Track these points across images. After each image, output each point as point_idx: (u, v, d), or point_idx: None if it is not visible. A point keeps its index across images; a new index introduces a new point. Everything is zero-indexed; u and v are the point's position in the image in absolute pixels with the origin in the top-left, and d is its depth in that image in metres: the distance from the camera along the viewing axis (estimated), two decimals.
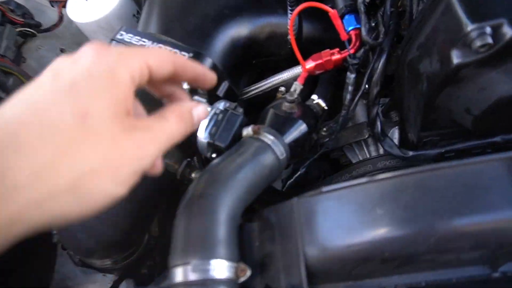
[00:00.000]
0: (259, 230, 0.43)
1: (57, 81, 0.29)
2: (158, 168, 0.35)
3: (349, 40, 0.54)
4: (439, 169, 0.34)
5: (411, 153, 0.59)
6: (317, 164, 0.83)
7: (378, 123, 0.59)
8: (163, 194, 0.58)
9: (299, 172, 0.61)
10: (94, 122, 0.28)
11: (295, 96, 0.50)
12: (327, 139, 0.59)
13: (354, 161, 0.75)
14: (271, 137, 0.47)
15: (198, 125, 0.39)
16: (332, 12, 0.44)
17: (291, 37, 0.46)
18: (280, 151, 0.47)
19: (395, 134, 0.72)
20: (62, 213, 0.27)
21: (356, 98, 0.54)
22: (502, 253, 0.34)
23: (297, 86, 0.50)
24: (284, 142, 0.48)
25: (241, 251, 0.42)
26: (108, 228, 0.53)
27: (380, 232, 0.34)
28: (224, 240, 0.37)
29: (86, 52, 0.31)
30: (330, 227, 0.37)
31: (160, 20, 0.60)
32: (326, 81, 0.61)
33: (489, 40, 0.39)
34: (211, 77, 0.40)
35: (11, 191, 0.25)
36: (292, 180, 0.61)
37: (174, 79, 0.37)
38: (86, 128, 0.28)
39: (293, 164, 0.62)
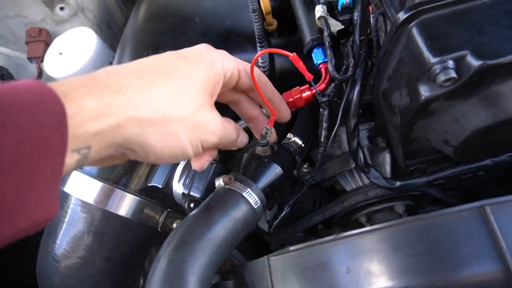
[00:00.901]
0: None
1: (175, 54, 0.40)
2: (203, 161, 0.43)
3: (320, 74, 0.53)
4: (408, 223, 0.32)
5: (398, 183, 0.57)
6: (311, 194, 0.81)
7: (360, 155, 0.57)
8: (144, 250, 0.57)
9: (284, 212, 0.59)
10: (194, 85, 0.38)
11: (267, 139, 0.49)
12: (309, 176, 0.57)
13: (348, 188, 0.73)
14: (243, 187, 0.46)
15: (236, 145, 0.45)
16: (292, 56, 0.43)
17: (253, 81, 0.45)
18: (254, 200, 0.46)
19: (386, 158, 0.69)
20: (150, 140, 0.35)
21: (333, 134, 0.53)
22: None
23: (267, 130, 0.49)
24: (258, 190, 0.47)
25: None
26: None
27: None
28: None
29: (200, 46, 0.44)
30: (301, 287, 0.35)
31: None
32: (304, 117, 0.60)
33: (452, 74, 0.37)
34: (287, 111, 0.50)
35: (125, 106, 0.33)
36: (278, 220, 0.59)
37: (253, 94, 0.48)
38: (188, 87, 0.38)
39: (277, 204, 0.61)
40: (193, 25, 0.63)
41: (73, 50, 0.72)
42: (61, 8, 0.79)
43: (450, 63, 0.37)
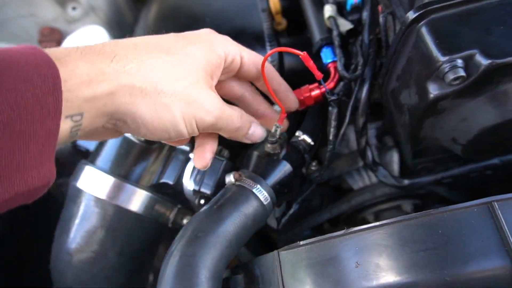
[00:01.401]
0: (245, 283, 0.42)
1: (176, 34, 0.41)
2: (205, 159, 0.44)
3: (329, 73, 0.54)
4: (417, 219, 0.32)
5: (406, 181, 0.58)
6: (319, 192, 0.81)
7: (369, 153, 0.57)
8: (155, 245, 0.58)
9: (292, 209, 0.60)
10: (191, 61, 0.38)
11: (276, 137, 0.50)
12: (317, 174, 0.58)
13: (355, 187, 0.73)
14: (253, 183, 0.47)
15: (247, 137, 0.46)
16: (302, 54, 0.44)
17: (264, 79, 0.46)
18: (264, 196, 0.46)
19: (394, 157, 0.70)
20: (142, 109, 0.35)
21: (341, 132, 0.53)
22: None
23: (277, 127, 0.50)
24: (267, 186, 0.48)
25: None
26: (101, 283, 0.53)
27: (361, 286, 0.33)
28: None
29: (203, 29, 0.45)
30: (311, 281, 0.35)
31: None
32: (313, 115, 0.60)
33: (461, 72, 0.37)
34: (294, 100, 0.51)
35: (118, 73, 0.33)
36: (286, 217, 0.60)
37: (259, 82, 0.48)
38: (185, 62, 0.38)
39: (286, 201, 0.61)
40: (203, 25, 0.63)
41: None
42: (73, 8, 0.80)
43: (459, 62, 0.37)
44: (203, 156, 0.44)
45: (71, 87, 0.30)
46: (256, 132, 0.46)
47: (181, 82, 0.37)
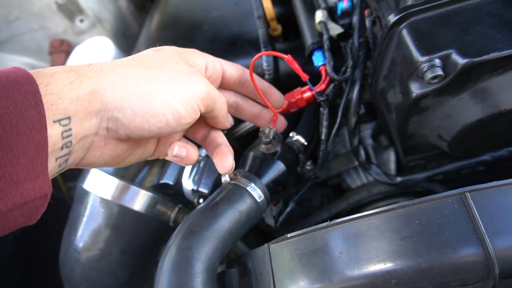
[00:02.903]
0: (239, 275, 0.44)
1: (153, 50, 0.43)
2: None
3: (320, 76, 0.56)
4: (395, 210, 0.34)
5: (399, 178, 0.59)
6: (319, 192, 0.83)
7: (362, 152, 0.59)
8: (158, 244, 0.60)
9: (289, 208, 0.62)
10: (164, 53, 0.41)
11: (270, 137, 0.52)
12: (312, 173, 0.60)
13: (353, 186, 0.75)
14: (248, 182, 0.49)
15: (229, 120, 0.47)
16: (286, 57, 0.46)
17: (253, 82, 0.48)
18: (258, 194, 0.49)
19: (391, 156, 0.71)
20: (127, 98, 0.35)
21: (333, 132, 0.55)
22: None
23: (270, 129, 0.52)
24: (262, 185, 0.50)
25: None
26: (108, 279, 0.56)
27: (343, 276, 0.35)
28: None
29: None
30: (298, 272, 0.37)
31: None
32: (308, 116, 0.63)
33: (439, 71, 0.39)
34: (279, 96, 0.52)
35: (95, 73, 0.34)
36: (283, 215, 0.62)
37: (243, 86, 0.50)
38: (157, 55, 0.40)
39: (283, 200, 0.63)
40: (202, 32, 0.67)
41: (91, 58, 0.78)
42: (81, 20, 0.85)
43: (437, 62, 0.39)
44: (225, 156, 0.45)
45: (53, 90, 0.31)
46: (230, 117, 0.48)
47: (162, 66, 0.38)
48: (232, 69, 0.48)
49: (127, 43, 0.94)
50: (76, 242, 0.56)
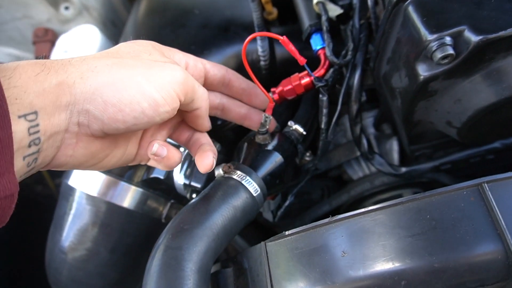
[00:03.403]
0: (235, 276, 0.41)
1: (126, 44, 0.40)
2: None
3: (319, 61, 0.52)
4: (403, 204, 0.31)
5: (403, 169, 0.56)
6: (319, 185, 0.80)
7: (364, 141, 0.56)
8: (152, 241, 0.57)
9: (288, 201, 0.58)
10: (138, 45, 0.39)
11: (266, 127, 0.49)
12: (311, 165, 0.56)
13: (354, 177, 0.72)
14: (243, 175, 0.45)
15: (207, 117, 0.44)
16: (282, 39, 0.42)
17: (246, 68, 0.45)
18: (254, 188, 0.45)
19: (394, 146, 0.68)
20: (97, 87, 0.32)
21: (334, 120, 0.52)
22: None
23: (266, 117, 0.48)
24: (258, 178, 0.47)
25: None
26: (96, 280, 0.53)
27: (347, 277, 0.31)
28: None
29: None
30: (298, 273, 0.34)
31: None
32: (307, 104, 0.59)
33: (450, 50, 0.35)
34: (262, 94, 0.49)
35: (64, 65, 0.32)
36: (282, 210, 0.59)
37: (228, 86, 0.48)
38: (130, 47, 0.38)
39: (281, 194, 0.60)
40: (193, 17, 0.63)
41: (77, 47, 0.74)
42: (66, 8, 0.80)
43: (448, 40, 0.36)
44: (206, 155, 0.42)
45: (17, 83, 0.28)
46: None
47: (135, 57, 0.37)
48: (215, 69, 0.46)
49: (117, 31, 0.90)
50: (61, 242, 0.53)
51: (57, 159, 0.34)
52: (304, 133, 0.54)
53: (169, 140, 0.48)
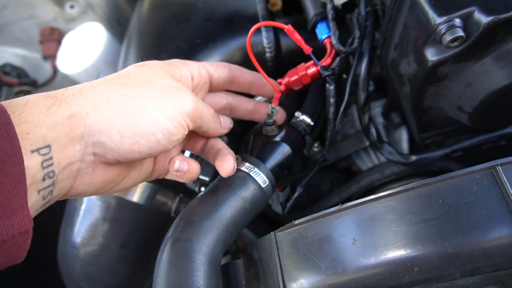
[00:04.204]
0: (245, 267, 0.41)
1: (136, 66, 0.39)
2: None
3: (325, 51, 0.51)
4: (414, 189, 0.30)
5: (413, 157, 0.55)
6: (328, 176, 0.79)
7: (373, 130, 0.55)
8: (161, 235, 0.57)
9: (297, 193, 0.58)
10: (147, 68, 0.38)
11: (273, 118, 0.48)
12: (320, 156, 0.56)
13: (364, 168, 0.71)
14: (251, 166, 0.45)
15: (222, 129, 0.45)
16: (287, 28, 0.42)
17: (252, 59, 0.44)
18: (262, 179, 0.45)
19: (403, 135, 0.67)
20: (112, 119, 0.32)
21: (341, 109, 0.51)
22: (506, 273, 0.29)
23: (273, 108, 0.48)
24: (266, 169, 0.46)
25: None
26: (108, 275, 0.53)
27: (358, 265, 0.31)
28: (202, 287, 0.36)
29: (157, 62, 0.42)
30: (307, 262, 0.34)
31: (135, 59, 0.61)
32: (314, 94, 0.58)
33: (460, 32, 0.35)
34: (269, 84, 0.48)
35: (74, 95, 0.32)
36: (291, 202, 0.58)
37: (234, 83, 0.47)
38: (140, 70, 0.37)
39: (290, 185, 0.60)
40: (196, 11, 0.63)
41: (83, 45, 0.74)
42: (71, 6, 0.81)
43: (457, 22, 0.35)
44: (227, 158, 0.42)
45: (28, 118, 0.28)
46: (226, 121, 0.46)
47: (146, 82, 0.36)
48: (218, 71, 0.46)
49: (121, 29, 0.90)
50: (73, 238, 0.53)
51: (75, 189, 0.34)
52: (312, 123, 0.54)
53: None
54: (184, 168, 0.42)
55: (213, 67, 0.45)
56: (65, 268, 0.54)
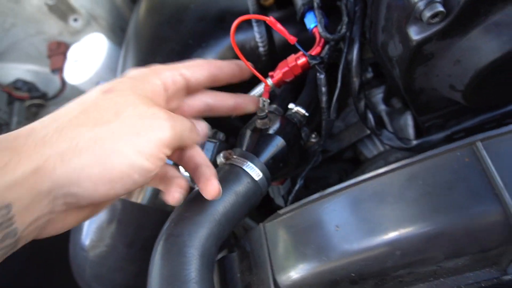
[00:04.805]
0: (239, 260, 0.41)
1: (102, 91, 0.35)
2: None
3: (315, 38, 0.51)
4: (393, 171, 0.30)
5: (414, 142, 0.53)
6: (335, 167, 0.78)
7: (370, 117, 0.54)
8: None
9: (298, 185, 0.58)
10: (117, 95, 0.34)
11: (266, 111, 0.48)
12: (317, 146, 0.55)
13: (369, 156, 0.69)
14: (244, 160, 0.45)
15: (199, 138, 0.42)
16: (268, 19, 0.42)
17: (237, 53, 0.44)
18: (256, 172, 0.45)
19: (409, 121, 0.65)
20: (83, 169, 0.29)
21: (334, 98, 0.50)
22: (496, 254, 0.28)
23: (264, 101, 0.48)
24: (260, 163, 0.46)
25: (224, 284, 0.41)
26: (117, 274, 0.55)
27: (341, 252, 0.31)
28: (194, 280, 0.36)
29: (130, 71, 0.40)
30: (294, 251, 0.34)
31: (133, 63, 0.62)
32: (309, 86, 0.58)
33: (439, 7, 0.33)
34: (246, 68, 0.47)
35: (37, 146, 0.29)
36: (293, 194, 0.58)
37: (215, 81, 0.45)
38: (109, 99, 0.33)
39: (290, 178, 0.60)
40: (189, 12, 0.64)
41: (87, 56, 0.77)
42: (75, 20, 0.84)
43: None
44: (210, 183, 0.38)
45: None
46: (202, 127, 0.43)
47: (118, 114, 0.32)
48: (195, 73, 0.43)
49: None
50: (82, 241, 0.55)
51: (46, 234, 0.32)
52: (307, 114, 0.53)
53: None
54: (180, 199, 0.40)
55: (190, 71, 0.42)
56: (76, 270, 0.56)
